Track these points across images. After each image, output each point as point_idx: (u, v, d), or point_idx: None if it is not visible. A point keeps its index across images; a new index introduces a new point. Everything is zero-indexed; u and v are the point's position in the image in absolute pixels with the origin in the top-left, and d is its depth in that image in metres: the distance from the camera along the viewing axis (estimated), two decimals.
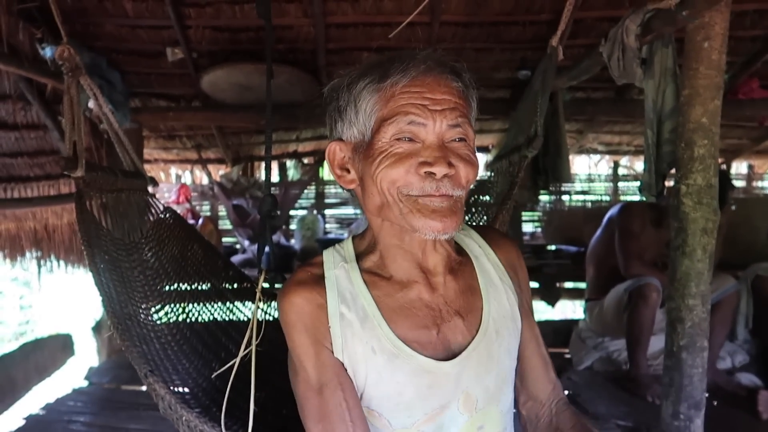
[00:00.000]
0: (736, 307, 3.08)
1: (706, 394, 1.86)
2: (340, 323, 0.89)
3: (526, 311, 1.04)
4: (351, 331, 0.89)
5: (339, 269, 0.94)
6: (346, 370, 0.89)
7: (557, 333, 3.88)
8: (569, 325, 3.82)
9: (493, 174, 1.99)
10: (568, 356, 3.52)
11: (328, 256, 0.98)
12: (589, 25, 3.43)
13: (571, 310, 6.77)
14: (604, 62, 2.18)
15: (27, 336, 9.65)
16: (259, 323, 1.26)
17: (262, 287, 1.44)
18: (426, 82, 0.84)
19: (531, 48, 3.65)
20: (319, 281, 0.93)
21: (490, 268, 1.01)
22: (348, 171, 0.93)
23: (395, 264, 0.94)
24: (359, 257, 0.97)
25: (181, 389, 1.32)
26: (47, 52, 3.06)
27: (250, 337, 1.19)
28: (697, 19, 1.71)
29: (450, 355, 0.90)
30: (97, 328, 4.08)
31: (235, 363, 1.16)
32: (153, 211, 1.84)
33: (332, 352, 0.89)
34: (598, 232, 3.35)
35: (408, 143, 0.84)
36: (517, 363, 1.02)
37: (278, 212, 1.75)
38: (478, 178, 0.93)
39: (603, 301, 3.14)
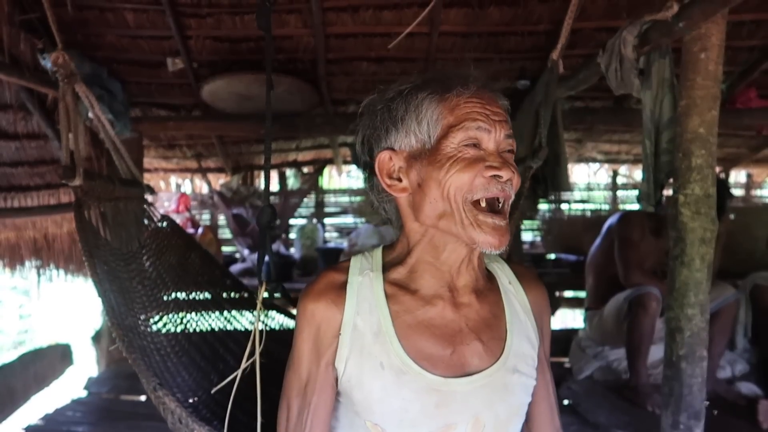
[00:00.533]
0: (736, 316, 3.08)
1: (706, 404, 1.86)
2: (351, 333, 0.92)
3: (542, 359, 1.04)
4: (361, 344, 0.91)
5: (363, 276, 0.96)
6: (334, 382, 0.94)
7: (557, 342, 3.83)
8: (569, 334, 3.82)
9: None
10: (568, 365, 3.51)
11: (356, 261, 1.00)
12: (586, 36, 3.45)
13: (571, 319, 6.76)
14: (602, 73, 2.19)
15: (26, 345, 9.61)
16: (261, 333, 1.26)
17: (263, 298, 1.43)
18: (484, 97, 0.91)
19: (530, 58, 3.67)
20: (340, 289, 0.95)
21: (517, 306, 1.02)
22: (399, 180, 0.94)
23: (423, 279, 0.95)
24: (386, 267, 0.98)
25: (182, 402, 1.32)
26: (48, 62, 3.08)
27: (252, 350, 1.19)
28: (693, 30, 1.72)
29: (463, 376, 0.91)
30: (97, 338, 4.08)
31: (237, 375, 1.16)
32: (151, 219, 1.84)
33: (330, 363, 0.93)
34: (598, 241, 3.35)
35: (474, 149, 0.88)
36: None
37: (277, 222, 1.76)
38: None
39: (603, 310, 3.13)
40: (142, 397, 3.24)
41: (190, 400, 1.37)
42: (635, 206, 5.43)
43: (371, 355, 0.90)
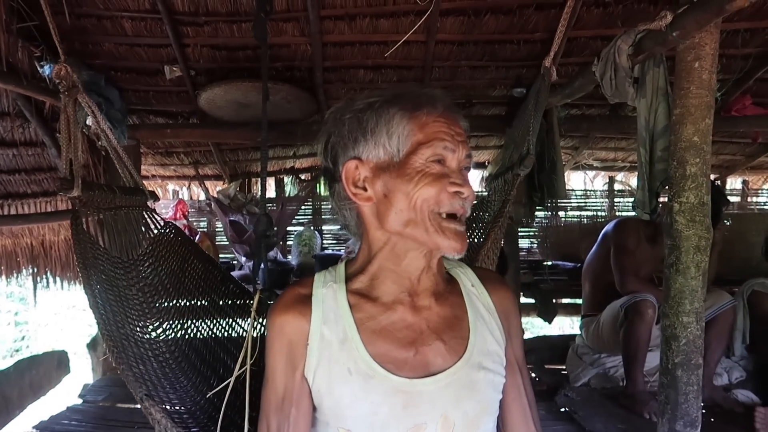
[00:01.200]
0: (733, 323, 3.08)
1: (703, 411, 1.86)
2: (319, 343, 0.95)
3: (512, 360, 1.06)
4: (329, 352, 0.95)
5: (327, 288, 1.00)
6: (310, 393, 0.96)
7: (554, 349, 3.88)
8: (566, 341, 3.82)
9: (490, 192, 2.01)
10: (564, 372, 3.51)
11: (319, 276, 1.04)
12: (582, 44, 3.48)
13: (568, 325, 6.76)
14: (598, 81, 2.21)
15: (22, 352, 9.58)
16: (256, 340, 1.26)
17: (260, 304, 1.44)
18: (450, 117, 0.96)
19: (526, 66, 3.70)
20: (305, 301, 0.99)
21: (481, 307, 1.05)
22: (364, 189, 0.97)
23: (384, 286, 0.99)
24: (348, 279, 1.02)
25: (178, 408, 1.32)
26: (46, 70, 3.09)
27: (246, 356, 1.19)
28: (687, 39, 1.74)
29: (428, 376, 0.94)
30: (93, 345, 4.06)
31: (230, 382, 1.17)
32: (153, 226, 1.84)
33: (303, 373, 0.95)
34: (594, 248, 3.36)
35: (439, 165, 0.93)
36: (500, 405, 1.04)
37: (274, 229, 1.76)
38: (477, 194, 0.97)
39: (599, 317, 3.14)
40: (138, 405, 3.23)
41: (188, 406, 1.37)
42: (632, 213, 5.45)
43: (339, 362, 0.93)
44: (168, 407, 1.13)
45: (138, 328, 1.45)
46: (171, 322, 1.67)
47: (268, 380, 0.98)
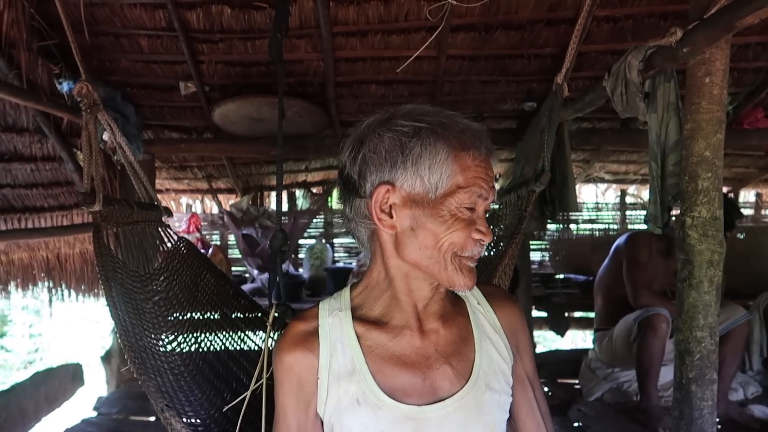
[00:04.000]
0: (748, 337, 3.05)
1: (718, 427, 1.85)
2: (328, 376, 0.95)
3: (522, 376, 1.06)
4: (337, 384, 0.95)
5: (333, 317, 1.00)
6: (322, 426, 0.97)
7: (566, 363, 3.86)
8: (578, 355, 3.80)
9: (501, 206, 2.02)
10: (577, 387, 3.49)
11: (324, 305, 1.03)
12: (592, 58, 3.49)
13: (580, 339, 6.71)
14: (608, 96, 2.22)
15: (36, 364, 9.66)
16: (270, 353, 1.27)
17: (274, 317, 1.46)
18: (488, 162, 0.95)
19: (536, 80, 3.72)
20: (311, 335, 0.98)
21: (487, 325, 1.05)
22: (390, 215, 0.93)
23: (391, 312, 0.99)
24: (355, 305, 1.02)
25: (193, 420, 1.34)
26: (64, 87, 3.15)
27: (261, 370, 1.21)
28: (697, 55, 1.74)
29: (436, 401, 0.94)
30: (107, 358, 4.10)
31: (246, 396, 1.18)
32: (167, 240, 1.87)
33: (316, 409, 0.96)
34: (606, 261, 3.35)
35: (470, 211, 0.93)
36: (509, 421, 1.04)
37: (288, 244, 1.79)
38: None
39: (612, 331, 3.12)
40: (152, 418, 3.25)
41: (203, 418, 1.39)
42: (644, 226, 5.42)
43: (347, 393, 0.94)
44: (184, 419, 1.14)
45: (153, 341, 1.47)
46: (185, 335, 1.69)
47: (279, 419, 0.98)
